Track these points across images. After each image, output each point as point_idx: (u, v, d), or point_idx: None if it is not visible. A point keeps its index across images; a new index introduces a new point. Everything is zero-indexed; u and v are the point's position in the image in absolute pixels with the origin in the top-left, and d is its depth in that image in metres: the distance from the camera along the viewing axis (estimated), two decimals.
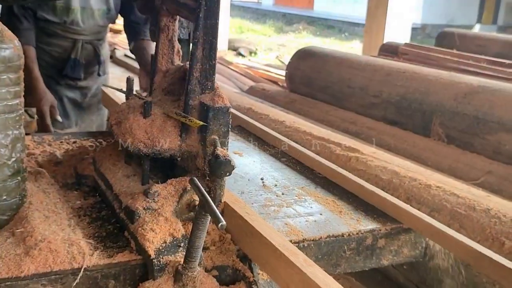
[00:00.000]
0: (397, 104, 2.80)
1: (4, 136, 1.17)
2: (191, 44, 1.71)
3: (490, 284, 1.47)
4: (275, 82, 6.67)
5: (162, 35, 1.50)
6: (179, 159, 1.37)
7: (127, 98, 1.48)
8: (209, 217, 1.07)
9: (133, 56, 2.80)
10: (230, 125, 1.32)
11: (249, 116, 2.50)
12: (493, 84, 2.53)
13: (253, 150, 2.03)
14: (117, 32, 11.73)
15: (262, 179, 1.75)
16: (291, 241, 1.35)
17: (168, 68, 1.53)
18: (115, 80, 7.70)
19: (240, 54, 11.08)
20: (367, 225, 1.48)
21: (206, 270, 1.22)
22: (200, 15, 1.26)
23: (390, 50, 4.28)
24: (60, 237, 1.16)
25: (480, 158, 2.35)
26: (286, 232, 1.40)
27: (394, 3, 7.36)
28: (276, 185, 1.70)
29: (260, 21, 18.73)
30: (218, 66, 9.09)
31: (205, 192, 1.08)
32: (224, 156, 1.23)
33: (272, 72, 7.72)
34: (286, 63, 9.50)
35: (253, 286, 1.24)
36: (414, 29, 6.77)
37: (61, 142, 1.87)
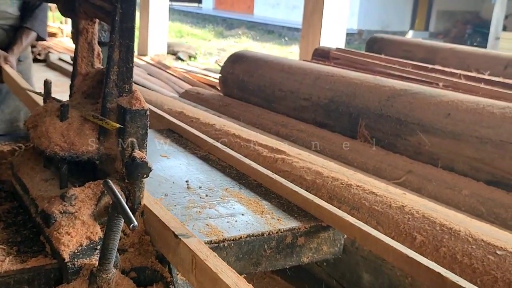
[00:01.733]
0: (325, 107, 2.88)
1: None
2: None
3: (403, 277, 1.54)
4: (213, 86, 6.68)
5: (81, 38, 1.49)
6: (97, 162, 1.36)
7: (44, 102, 1.46)
8: (122, 219, 1.07)
9: (68, 60, 2.92)
10: (147, 128, 1.33)
11: (179, 119, 2.51)
12: (414, 87, 2.64)
13: (180, 153, 2.04)
14: (51, 35, 11.46)
15: (187, 181, 1.76)
16: (211, 241, 1.38)
17: (88, 71, 1.52)
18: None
19: (179, 58, 11.01)
20: (287, 224, 1.51)
21: (124, 272, 1.22)
22: (116, 18, 1.26)
23: (322, 55, 4.38)
24: None
25: (402, 158, 2.45)
26: (207, 233, 1.41)
27: (329, 9, 7.54)
28: (200, 187, 1.72)
29: (200, 26, 18.70)
30: (156, 70, 9.00)
31: (118, 194, 1.09)
32: (141, 158, 1.24)
33: (210, 76, 7.72)
34: None
35: (171, 286, 1.25)
36: (351, 35, 6.99)
37: None
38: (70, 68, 8.14)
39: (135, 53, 11.00)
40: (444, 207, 1.76)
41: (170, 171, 1.83)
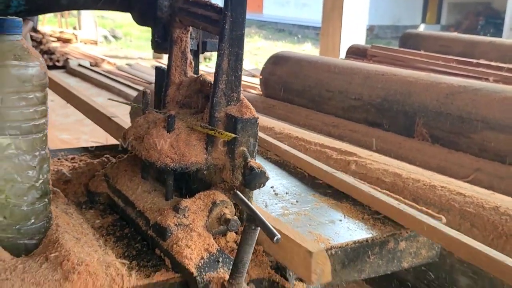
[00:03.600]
0: (378, 106, 2.85)
1: (32, 157, 1.13)
2: (199, 55, 1.71)
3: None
4: None
5: (175, 47, 1.48)
6: (205, 172, 1.35)
7: (143, 113, 1.44)
8: (258, 231, 1.06)
9: (87, 65, 2.97)
10: (257, 137, 1.31)
11: None
12: (474, 83, 2.61)
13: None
14: (66, 41, 11.49)
15: (272, 187, 1.74)
16: None
17: (182, 80, 1.50)
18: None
19: None
20: (389, 229, 1.49)
21: None
22: (226, 27, 1.24)
23: (357, 53, 4.35)
24: (96, 259, 1.12)
25: (467, 156, 2.42)
26: (313, 241, 1.39)
27: (349, 5, 7.52)
28: (287, 193, 1.70)
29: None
30: None
31: (252, 206, 1.07)
32: (259, 168, 1.22)
33: None
34: (243, 67, 9.51)
35: None
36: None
37: (59, 159, 1.81)
38: (90, 74, 8.14)
39: (150, 56, 11.03)
40: None
41: None
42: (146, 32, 12.19)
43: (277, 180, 1.80)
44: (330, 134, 2.89)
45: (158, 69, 1.62)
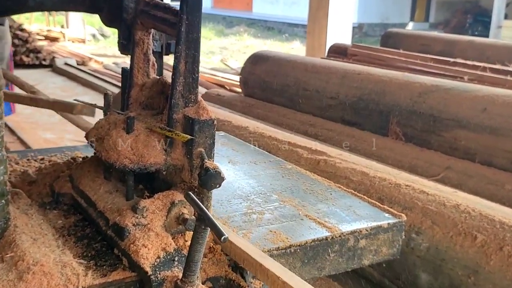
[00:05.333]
0: (354, 105, 2.88)
1: None
2: (163, 57, 1.73)
3: (465, 276, 1.54)
4: (222, 86, 6.68)
5: (137, 49, 1.49)
6: (164, 173, 1.37)
7: (105, 114, 1.46)
8: (208, 231, 1.08)
9: (73, 64, 3.02)
10: (214, 138, 1.33)
11: None
12: (446, 83, 2.65)
13: (224, 158, 2.04)
14: (53, 39, 11.45)
15: (238, 187, 1.76)
16: (278, 247, 1.38)
17: (145, 82, 1.52)
18: (58, 90, 7.53)
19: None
20: (348, 227, 1.52)
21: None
22: (182, 29, 1.27)
23: (338, 51, 4.38)
24: (52, 259, 1.14)
25: (438, 154, 2.46)
26: (272, 240, 1.42)
27: (334, 4, 7.53)
28: (254, 193, 1.72)
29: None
30: None
31: (203, 206, 1.09)
32: (214, 168, 1.24)
33: (218, 76, 7.73)
34: (231, 66, 9.52)
35: None
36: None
37: (28, 159, 1.82)
38: (77, 73, 8.13)
39: None
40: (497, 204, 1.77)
41: None
42: None
43: (243, 179, 1.83)
44: (307, 133, 2.92)
45: (124, 71, 1.64)
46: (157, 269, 1.16)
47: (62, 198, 1.51)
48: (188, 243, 1.32)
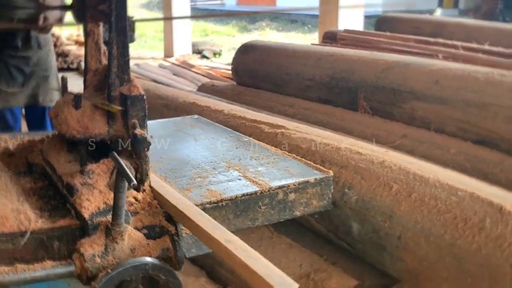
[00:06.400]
0: (327, 84, 3.09)
1: None
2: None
3: (383, 221, 1.75)
4: (232, 79, 6.92)
5: (89, 39, 1.75)
6: (109, 142, 1.62)
7: (62, 95, 1.73)
8: (125, 181, 1.33)
9: None
10: (146, 110, 1.57)
11: (192, 109, 2.78)
12: (406, 59, 2.83)
13: (189, 136, 2.29)
14: (81, 44, 11.90)
15: (193, 158, 2.00)
16: (210, 202, 1.61)
17: (97, 68, 1.78)
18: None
19: (204, 56, 11.31)
20: (277, 182, 1.74)
21: (137, 229, 1.48)
22: (112, 19, 1.52)
23: (330, 37, 4.57)
24: (10, 208, 1.41)
25: (398, 124, 2.65)
26: (206, 196, 1.65)
27: None
28: (204, 162, 1.95)
29: (223, 22, 18.97)
30: (181, 70, 9.18)
31: (120, 161, 1.34)
32: (141, 135, 1.49)
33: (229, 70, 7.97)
34: None
35: (175, 237, 1.49)
36: (374, 17, 6.97)
37: (16, 139, 2.10)
38: None
39: (162, 55, 11.36)
40: (424, 161, 1.97)
41: (177, 152, 2.07)
42: (160, 33, 12.51)
43: (200, 152, 2.07)
44: (286, 113, 3.14)
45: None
46: (94, 217, 1.41)
47: (35, 168, 1.79)
48: (129, 199, 1.58)
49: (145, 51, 12.75)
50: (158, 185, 1.59)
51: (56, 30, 11.14)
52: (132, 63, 9.61)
